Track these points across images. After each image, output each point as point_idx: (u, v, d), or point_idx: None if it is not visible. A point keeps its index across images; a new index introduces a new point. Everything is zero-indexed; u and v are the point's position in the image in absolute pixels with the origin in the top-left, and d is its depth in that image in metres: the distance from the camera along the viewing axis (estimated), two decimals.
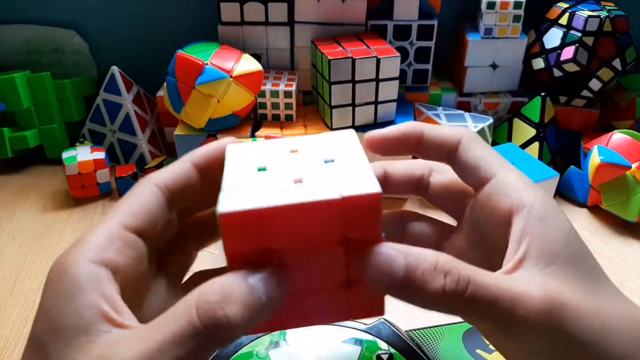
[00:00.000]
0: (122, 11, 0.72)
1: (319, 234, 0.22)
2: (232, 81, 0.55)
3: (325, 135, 0.26)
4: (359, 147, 0.25)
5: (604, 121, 0.70)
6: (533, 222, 0.24)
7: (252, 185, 0.22)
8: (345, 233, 0.22)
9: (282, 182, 0.22)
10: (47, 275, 0.23)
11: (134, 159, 0.68)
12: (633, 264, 0.53)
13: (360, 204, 0.21)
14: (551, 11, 0.67)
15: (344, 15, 0.63)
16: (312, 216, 0.21)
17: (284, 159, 0.24)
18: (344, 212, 0.21)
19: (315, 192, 0.21)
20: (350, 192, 0.21)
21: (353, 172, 0.22)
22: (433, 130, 0.28)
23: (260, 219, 0.21)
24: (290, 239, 0.22)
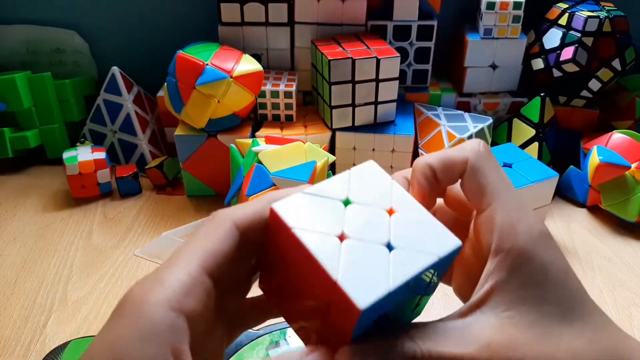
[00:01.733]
0: (122, 12, 0.72)
1: (314, 284, 0.23)
2: (233, 81, 0.55)
3: (433, 225, 0.25)
4: (433, 259, 0.23)
5: (604, 121, 0.70)
6: (502, 269, 0.25)
7: (313, 208, 0.24)
8: (329, 302, 0.22)
9: (334, 223, 0.23)
10: (120, 301, 0.22)
11: (134, 159, 0.69)
12: (633, 263, 0.53)
13: (343, 302, 0.21)
14: (551, 11, 0.67)
15: (344, 15, 0.63)
16: (313, 266, 0.22)
17: (371, 211, 0.25)
18: (332, 290, 0.21)
19: (330, 258, 0.22)
20: (343, 285, 0.21)
21: (379, 276, 0.22)
22: (440, 160, 0.28)
23: (285, 232, 0.23)
24: (298, 265, 0.23)
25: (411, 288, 0.23)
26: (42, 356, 0.42)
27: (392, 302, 0.22)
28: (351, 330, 0.22)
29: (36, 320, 0.46)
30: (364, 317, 0.21)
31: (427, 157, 0.29)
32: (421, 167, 0.29)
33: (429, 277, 0.24)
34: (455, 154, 0.28)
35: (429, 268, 0.23)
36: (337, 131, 0.61)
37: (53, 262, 0.53)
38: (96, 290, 0.49)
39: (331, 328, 0.23)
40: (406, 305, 0.25)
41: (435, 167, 0.28)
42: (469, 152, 0.27)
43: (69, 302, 0.48)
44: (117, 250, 0.54)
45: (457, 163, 0.27)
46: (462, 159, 0.27)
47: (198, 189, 0.62)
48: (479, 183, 0.27)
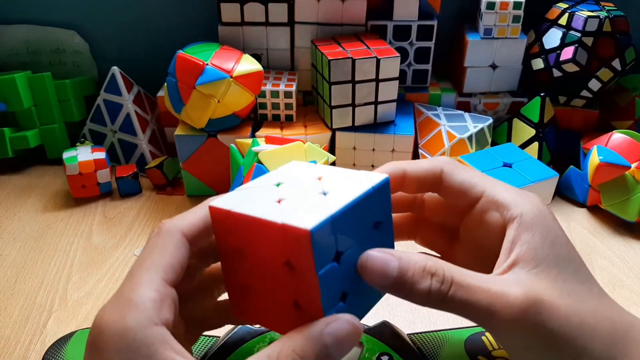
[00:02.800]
0: (122, 11, 0.72)
1: (270, 250, 0.24)
2: (233, 81, 0.55)
3: (359, 173, 0.27)
4: (365, 188, 0.25)
5: (604, 121, 0.70)
6: (521, 232, 0.27)
7: (247, 194, 0.25)
8: (287, 257, 0.23)
9: (269, 198, 0.25)
10: (102, 339, 0.22)
11: (134, 159, 0.69)
12: (633, 263, 0.53)
13: (293, 235, 0.22)
14: (551, 11, 0.67)
15: (344, 15, 0.63)
16: (262, 230, 0.23)
17: (302, 182, 0.26)
18: (284, 237, 0.23)
19: (271, 212, 0.23)
20: (288, 221, 0.22)
21: (319, 207, 0.23)
22: (414, 165, 0.30)
23: (230, 220, 0.24)
24: (251, 245, 0.24)
25: (358, 223, 0.24)
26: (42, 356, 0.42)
27: (344, 239, 0.24)
28: (314, 274, 0.22)
29: (36, 320, 0.46)
30: (318, 248, 0.22)
31: (402, 163, 0.30)
32: (394, 166, 0.30)
33: (372, 215, 0.26)
34: (427, 163, 0.30)
35: (364, 195, 0.25)
36: (337, 131, 0.61)
37: (53, 262, 0.53)
38: (96, 290, 0.49)
39: (303, 299, 0.24)
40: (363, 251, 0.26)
41: (408, 172, 0.30)
42: (441, 162, 0.30)
43: (69, 302, 0.48)
44: (117, 250, 0.54)
45: (430, 169, 0.29)
46: (435, 166, 0.29)
47: (198, 189, 0.62)
48: (460, 179, 0.29)
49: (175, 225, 0.26)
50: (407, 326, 0.41)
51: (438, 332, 0.40)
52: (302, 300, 0.24)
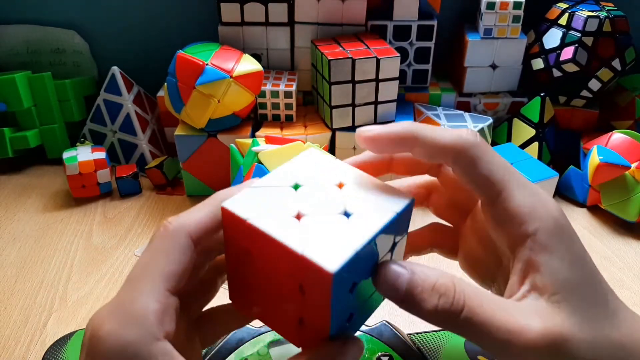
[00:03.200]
0: (122, 12, 0.72)
1: (283, 269, 0.23)
2: (233, 81, 0.55)
3: (383, 188, 0.26)
4: (390, 215, 0.24)
5: (604, 121, 0.70)
6: (537, 253, 0.24)
7: (262, 198, 0.24)
8: (301, 282, 0.23)
9: (286, 211, 0.24)
10: (102, 350, 0.22)
11: (134, 159, 0.69)
12: (633, 263, 0.53)
13: (313, 270, 0.21)
14: (551, 11, 0.67)
15: (344, 15, 0.63)
16: (278, 251, 0.22)
17: (322, 189, 0.25)
18: (301, 266, 0.22)
19: (290, 234, 0.22)
20: (310, 255, 0.21)
21: (342, 238, 0.22)
22: (430, 134, 0.26)
23: (243, 226, 0.23)
24: (262, 255, 0.24)
25: (376, 250, 0.23)
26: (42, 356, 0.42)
27: (362, 269, 0.23)
28: (329, 305, 0.22)
29: (36, 320, 0.46)
30: (338, 285, 0.21)
31: (418, 126, 0.26)
32: (408, 127, 0.27)
33: (391, 238, 0.25)
34: (449, 138, 0.26)
35: (388, 224, 0.23)
36: (337, 131, 0.61)
37: (53, 262, 0.53)
38: (96, 290, 0.49)
39: (310, 318, 0.23)
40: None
41: (421, 140, 0.26)
42: (467, 143, 0.25)
43: (69, 302, 0.48)
44: (117, 250, 0.54)
45: (448, 146, 0.26)
46: (454, 143, 0.25)
47: (198, 189, 0.62)
48: (482, 173, 0.25)
49: (182, 226, 0.25)
50: (407, 326, 0.41)
51: (438, 332, 0.40)
52: (308, 319, 0.24)
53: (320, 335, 0.23)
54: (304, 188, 0.25)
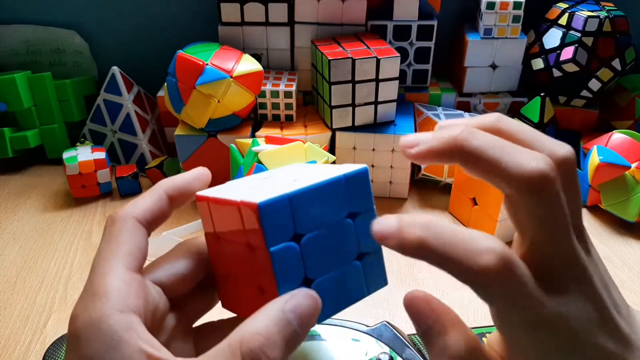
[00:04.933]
0: (122, 11, 0.72)
1: (235, 231, 0.24)
2: (233, 81, 0.55)
3: (343, 166, 0.26)
4: (334, 174, 0.24)
5: (604, 121, 0.70)
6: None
7: (231, 185, 0.27)
8: (247, 237, 0.24)
9: (247, 187, 0.26)
10: (73, 332, 0.23)
11: (134, 159, 0.69)
12: (633, 263, 0.53)
13: (246, 211, 0.23)
14: (551, 11, 0.67)
15: (344, 15, 0.63)
16: (227, 212, 0.24)
17: (287, 175, 0.27)
18: (242, 216, 0.23)
19: (236, 195, 0.24)
20: (245, 198, 0.23)
21: (279, 189, 0.23)
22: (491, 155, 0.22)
23: (207, 206, 0.26)
24: (223, 230, 0.25)
25: (325, 209, 0.24)
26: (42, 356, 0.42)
27: (305, 220, 0.23)
28: (267, 249, 0.22)
29: (36, 320, 0.46)
30: (270, 224, 0.22)
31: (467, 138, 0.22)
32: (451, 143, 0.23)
33: (345, 204, 0.25)
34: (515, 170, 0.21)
35: (330, 182, 0.24)
36: (337, 131, 0.61)
37: (53, 262, 0.53)
38: None
39: (264, 282, 0.24)
40: (340, 243, 0.25)
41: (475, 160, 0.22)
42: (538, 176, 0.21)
43: (69, 302, 0.48)
44: None
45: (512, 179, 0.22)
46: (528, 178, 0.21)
47: None
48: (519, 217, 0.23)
49: (127, 213, 0.26)
50: (407, 327, 0.41)
51: None
52: (262, 282, 0.24)
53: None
54: (272, 177, 0.27)
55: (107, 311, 0.22)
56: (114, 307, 0.22)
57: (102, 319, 0.22)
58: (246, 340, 0.21)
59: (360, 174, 0.25)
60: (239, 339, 0.21)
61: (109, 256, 0.24)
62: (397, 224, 0.22)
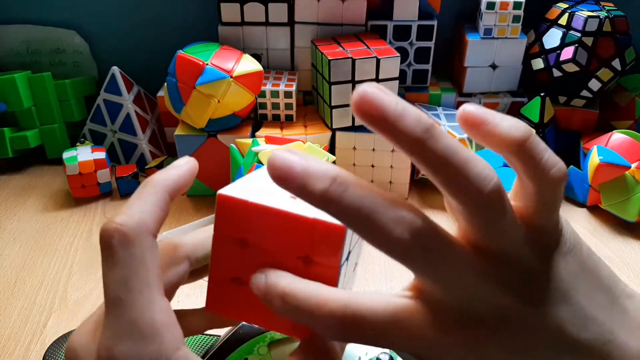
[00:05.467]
0: (122, 11, 0.72)
1: (287, 243, 0.24)
2: (233, 81, 0.55)
3: None
4: None
5: (604, 121, 0.70)
6: None
7: (255, 188, 0.25)
8: (308, 252, 0.24)
9: (282, 194, 0.24)
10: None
11: (134, 159, 0.69)
12: (633, 263, 0.53)
13: (325, 230, 0.23)
14: (551, 11, 0.67)
15: (344, 15, 0.63)
16: (284, 224, 0.24)
17: None
18: (312, 232, 0.23)
19: (296, 208, 0.24)
20: (321, 217, 0.23)
21: None
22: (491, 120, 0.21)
23: (243, 209, 0.24)
24: (262, 238, 0.24)
25: None
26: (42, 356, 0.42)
27: (354, 237, 0.25)
28: (337, 269, 0.23)
29: (36, 320, 0.46)
30: (346, 245, 0.23)
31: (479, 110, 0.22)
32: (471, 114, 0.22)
33: None
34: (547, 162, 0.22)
35: None
36: (337, 131, 0.61)
37: (53, 262, 0.53)
38: (96, 290, 0.49)
39: None
40: (354, 252, 0.27)
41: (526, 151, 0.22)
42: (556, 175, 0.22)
43: (69, 302, 0.48)
44: None
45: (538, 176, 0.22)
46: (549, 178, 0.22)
47: (198, 189, 0.62)
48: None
49: (142, 227, 0.23)
50: None
51: None
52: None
53: None
54: None
55: (166, 352, 0.21)
56: (170, 347, 0.22)
57: (163, 358, 0.21)
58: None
59: None
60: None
61: (143, 286, 0.22)
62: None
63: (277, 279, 0.22)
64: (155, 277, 0.23)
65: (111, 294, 0.22)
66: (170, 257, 0.26)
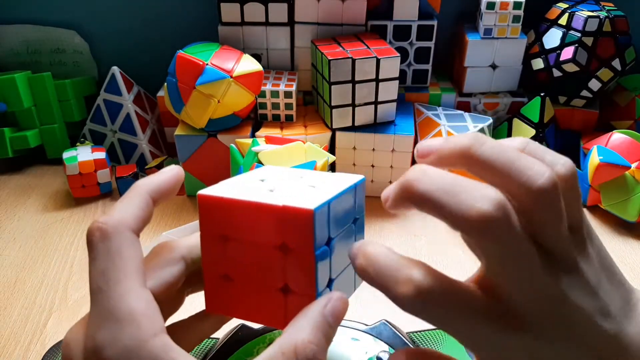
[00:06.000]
0: (122, 12, 0.72)
1: (263, 233, 0.25)
2: (233, 81, 0.55)
3: (336, 174, 0.29)
4: (348, 183, 0.27)
5: (604, 121, 0.70)
6: None
7: (235, 186, 0.26)
8: (283, 240, 0.24)
9: (260, 189, 0.26)
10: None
11: (134, 159, 0.69)
12: (633, 263, 0.53)
13: (295, 215, 0.23)
14: (551, 11, 0.67)
15: (344, 15, 0.63)
16: (257, 215, 0.24)
17: (286, 179, 0.28)
18: (283, 219, 0.24)
19: (268, 198, 0.24)
20: (290, 203, 0.24)
21: (311, 194, 0.25)
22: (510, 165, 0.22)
23: (221, 206, 0.25)
24: (240, 231, 0.25)
25: (343, 214, 0.26)
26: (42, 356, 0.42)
27: (334, 225, 0.25)
28: (312, 252, 0.24)
29: (36, 320, 0.46)
30: (319, 228, 0.24)
31: (473, 144, 0.23)
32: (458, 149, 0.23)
33: (353, 209, 0.27)
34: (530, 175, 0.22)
35: (347, 190, 0.26)
36: (337, 131, 0.61)
37: (53, 262, 0.53)
38: None
39: (295, 281, 0.25)
40: (347, 246, 0.27)
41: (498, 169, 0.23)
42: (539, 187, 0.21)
43: (69, 302, 0.48)
44: None
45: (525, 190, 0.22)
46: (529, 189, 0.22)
47: (198, 189, 0.62)
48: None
49: (119, 224, 0.24)
50: (406, 325, 0.41)
51: (437, 331, 0.40)
52: (294, 283, 0.25)
53: (307, 302, 0.25)
54: (270, 179, 0.28)
55: (142, 337, 0.22)
56: (148, 332, 0.22)
57: (141, 346, 0.21)
58: (301, 349, 0.22)
59: (363, 183, 0.28)
60: (293, 347, 0.22)
61: (120, 275, 0.23)
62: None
63: (367, 243, 0.24)
64: (134, 268, 0.24)
65: (93, 285, 0.23)
66: (166, 257, 0.27)
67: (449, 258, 0.53)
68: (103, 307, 0.22)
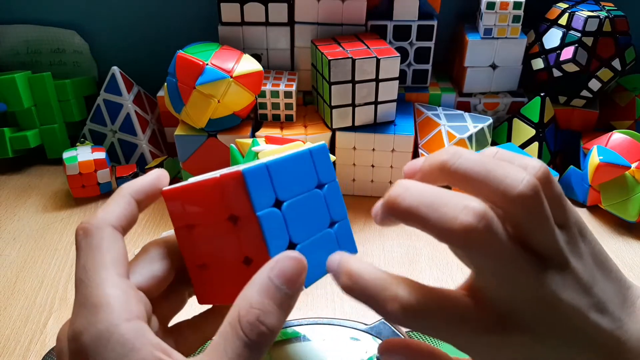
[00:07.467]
0: (122, 11, 0.72)
1: (214, 211, 0.25)
2: (233, 81, 0.55)
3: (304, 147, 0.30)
4: (300, 149, 0.28)
5: (604, 121, 0.70)
6: None
7: (195, 178, 0.28)
8: (230, 210, 0.25)
9: (212, 174, 0.26)
10: (79, 349, 0.22)
11: (134, 159, 0.69)
12: (633, 264, 0.53)
13: (231, 182, 0.24)
14: (551, 11, 0.67)
15: (344, 15, 0.63)
16: (204, 194, 0.25)
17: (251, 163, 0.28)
18: (223, 190, 0.25)
19: (211, 176, 0.25)
20: (224, 172, 0.25)
21: (251, 164, 0.25)
22: (480, 175, 0.23)
23: (178, 197, 0.27)
24: (199, 216, 0.26)
25: (298, 178, 0.26)
26: (42, 356, 0.42)
27: (284, 187, 0.25)
28: (254, 214, 0.24)
29: (36, 320, 0.46)
30: (255, 190, 0.24)
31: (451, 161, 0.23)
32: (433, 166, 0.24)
33: (314, 175, 0.28)
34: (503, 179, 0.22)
35: (300, 154, 0.27)
36: (337, 131, 0.61)
37: (53, 262, 0.53)
38: None
39: (252, 251, 0.25)
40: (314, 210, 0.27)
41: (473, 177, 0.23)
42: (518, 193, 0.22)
43: (69, 302, 0.48)
44: None
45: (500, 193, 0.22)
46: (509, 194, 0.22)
47: None
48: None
49: (101, 222, 0.26)
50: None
51: None
52: (251, 252, 0.25)
53: None
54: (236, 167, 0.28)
55: (114, 321, 0.22)
56: (120, 317, 0.22)
57: (111, 330, 0.22)
58: (243, 315, 0.22)
59: (322, 148, 0.28)
60: (237, 315, 0.22)
61: (98, 267, 0.24)
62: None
63: (349, 259, 0.24)
64: (113, 260, 0.25)
65: (75, 278, 0.24)
66: (153, 253, 0.28)
67: (449, 258, 0.54)
68: (82, 296, 0.23)
